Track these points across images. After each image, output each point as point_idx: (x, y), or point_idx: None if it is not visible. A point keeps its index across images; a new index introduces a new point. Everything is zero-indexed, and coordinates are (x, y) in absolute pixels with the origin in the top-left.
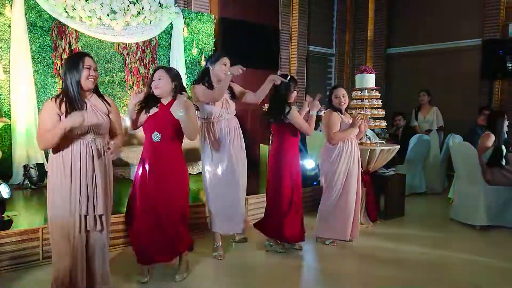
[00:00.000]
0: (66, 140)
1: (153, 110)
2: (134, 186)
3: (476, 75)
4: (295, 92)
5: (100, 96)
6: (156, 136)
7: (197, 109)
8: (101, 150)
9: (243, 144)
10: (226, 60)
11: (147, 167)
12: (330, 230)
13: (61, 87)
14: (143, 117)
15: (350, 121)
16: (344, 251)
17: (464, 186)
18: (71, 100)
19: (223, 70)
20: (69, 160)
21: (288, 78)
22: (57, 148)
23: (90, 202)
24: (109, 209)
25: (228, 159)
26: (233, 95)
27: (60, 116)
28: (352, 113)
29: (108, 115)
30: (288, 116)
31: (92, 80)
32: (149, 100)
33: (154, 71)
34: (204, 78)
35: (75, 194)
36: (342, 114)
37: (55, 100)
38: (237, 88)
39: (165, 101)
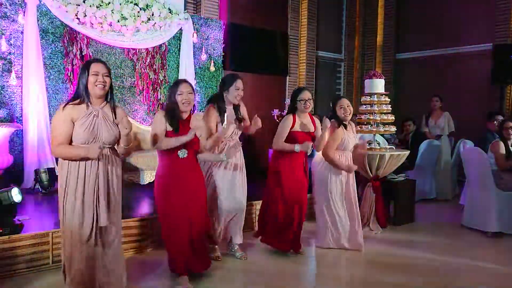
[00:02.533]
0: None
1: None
2: (167, 204)
3: (487, 80)
4: (299, 102)
5: (112, 107)
6: (183, 153)
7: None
8: (110, 158)
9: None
10: (239, 84)
11: (178, 183)
12: (323, 237)
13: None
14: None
15: (353, 135)
16: (352, 257)
17: (476, 192)
18: (82, 105)
19: (236, 95)
20: (77, 169)
21: (295, 89)
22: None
23: (101, 210)
24: (119, 217)
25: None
26: (238, 119)
27: (74, 122)
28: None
29: (116, 125)
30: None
31: (101, 86)
32: (174, 116)
33: (178, 83)
34: (217, 100)
35: (86, 203)
36: (346, 127)
37: (67, 105)
38: (244, 113)
39: (183, 116)
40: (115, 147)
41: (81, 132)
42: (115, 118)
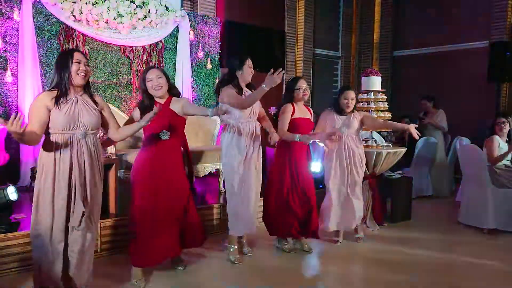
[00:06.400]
0: (56, 136)
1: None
2: (145, 187)
3: (483, 77)
4: (298, 90)
5: (90, 95)
6: (165, 134)
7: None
8: (92, 146)
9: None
10: (251, 62)
11: (159, 165)
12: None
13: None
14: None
15: (347, 121)
16: (350, 254)
17: (472, 189)
18: (61, 95)
19: (250, 72)
20: (56, 157)
21: (290, 79)
22: (47, 145)
23: (78, 199)
24: (98, 209)
25: (246, 162)
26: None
27: (50, 110)
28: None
29: (100, 112)
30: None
31: (83, 74)
32: (147, 102)
33: (146, 71)
34: (232, 80)
35: (65, 191)
36: (341, 114)
37: (47, 94)
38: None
39: (161, 100)
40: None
41: (60, 117)
42: (96, 105)
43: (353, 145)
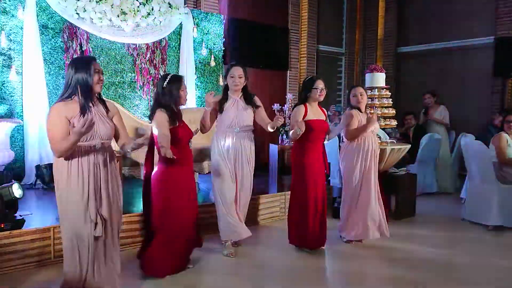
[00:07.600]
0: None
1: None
2: (180, 196)
3: (489, 73)
4: (315, 90)
5: (102, 101)
6: (191, 142)
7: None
8: (107, 157)
9: (252, 166)
10: (233, 71)
11: (187, 173)
12: (351, 229)
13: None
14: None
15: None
16: (355, 251)
17: (477, 185)
18: (82, 104)
19: (231, 82)
20: (76, 167)
21: (307, 78)
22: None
23: (102, 208)
24: (119, 214)
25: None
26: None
27: (69, 120)
28: (372, 112)
29: (111, 120)
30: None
31: (101, 84)
32: (176, 111)
33: (181, 79)
34: (224, 88)
35: (86, 201)
36: (360, 112)
37: (63, 104)
38: (261, 111)
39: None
40: (115, 144)
41: None
42: (107, 112)
43: (374, 144)
